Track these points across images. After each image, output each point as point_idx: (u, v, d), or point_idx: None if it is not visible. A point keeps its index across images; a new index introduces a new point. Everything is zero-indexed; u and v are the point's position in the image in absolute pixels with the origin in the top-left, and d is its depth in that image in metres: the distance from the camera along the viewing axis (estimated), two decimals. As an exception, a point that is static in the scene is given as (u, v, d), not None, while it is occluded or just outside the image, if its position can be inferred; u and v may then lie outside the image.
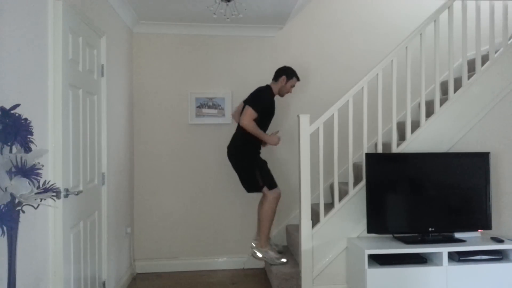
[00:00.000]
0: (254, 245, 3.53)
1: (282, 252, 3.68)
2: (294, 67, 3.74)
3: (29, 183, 1.37)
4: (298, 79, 3.64)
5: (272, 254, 3.47)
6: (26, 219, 1.68)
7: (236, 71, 4.12)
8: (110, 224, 3.07)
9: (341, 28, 4.25)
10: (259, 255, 3.48)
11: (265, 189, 3.45)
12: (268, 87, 3.58)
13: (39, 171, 1.42)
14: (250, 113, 3.36)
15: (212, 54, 4.11)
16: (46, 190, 1.44)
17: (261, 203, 3.55)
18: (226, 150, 3.67)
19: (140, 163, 4.01)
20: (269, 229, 3.52)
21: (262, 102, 3.47)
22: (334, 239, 3.23)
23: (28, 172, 1.37)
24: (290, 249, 3.88)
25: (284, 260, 3.47)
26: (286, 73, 3.58)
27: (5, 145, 1.40)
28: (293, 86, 3.63)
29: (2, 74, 1.64)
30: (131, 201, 3.91)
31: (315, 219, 3.23)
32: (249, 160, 3.49)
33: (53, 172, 2.07)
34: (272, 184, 3.49)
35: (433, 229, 3.17)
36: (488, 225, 3.22)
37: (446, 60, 3.46)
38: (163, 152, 4.04)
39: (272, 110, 3.56)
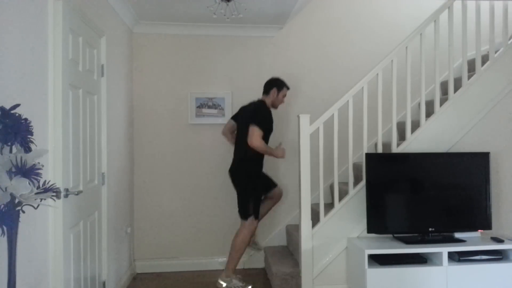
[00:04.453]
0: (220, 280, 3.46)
1: (259, 247, 3.85)
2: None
3: (29, 183, 1.37)
4: (288, 88, 3.58)
5: (236, 282, 3.41)
6: (26, 219, 1.68)
7: (236, 71, 4.13)
8: (110, 224, 3.07)
9: (341, 28, 4.25)
10: (223, 284, 3.41)
11: (250, 219, 3.39)
12: (262, 102, 3.50)
13: (39, 171, 1.42)
14: (257, 133, 3.26)
15: (212, 54, 4.11)
16: (46, 190, 1.44)
17: (238, 232, 3.49)
18: (226, 149, 3.66)
19: (140, 163, 4.01)
20: (238, 260, 3.46)
21: (264, 118, 3.39)
22: (334, 239, 3.23)
23: (28, 172, 1.37)
24: (290, 249, 3.88)
25: (249, 287, 3.42)
26: (276, 85, 3.51)
27: (5, 145, 1.40)
28: (285, 96, 3.58)
29: (2, 74, 1.64)
30: (131, 201, 3.91)
31: (315, 219, 3.23)
32: (249, 184, 3.43)
33: (53, 172, 2.07)
34: (257, 215, 3.44)
35: (433, 229, 3.17)
36: (488, 225, 3.22)
37: (446, 60, 3.46)
38: (163, 152, 4.05)
39: (272, 124, 3.50)
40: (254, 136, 3.26)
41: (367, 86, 3.30)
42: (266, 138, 3.46)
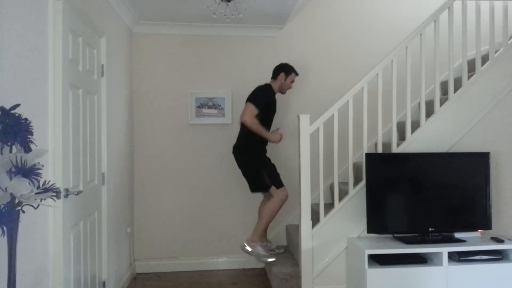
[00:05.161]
0: (245, 243, 3.53)
1: (276, 252, 3.67)
2: (294, 67, 3.74)
3: (29, 183, 1.37)
4: (296, 74, 3.65)
5: (260, 250, 3.45)
6: (26, 219, 1.67)
7: (236, 71, 4.13)
8: (110, 224, 3.07)
9: (341, 28, 4.25)
10: (248, 248, 3.47)
11: (272, 188, 3.43)
12: (267, 85, 3.59)
13: (39, 171, 1.42)
14: (250, 109, 3.35)
15: (212, 54, 4.11)
16: (46, 190, 1.44)
17: (264, 201, 3.54)
18: (226, 149, 3.66)
19: (140, 163, 4.01)
20: (266, 227, 3.52)
21: (263, 98, 3.46)
22: (334, 239, 3.23)
23: (28, 172, 1.37)
24: (290, 249, 3.88)
25: (272, 259, 3.45)
26: (284, 70, 3.59)
27: (5, 145, 1.40)
28: (293, 81, 3.64)
29: (2, 74, 1.63)
30: (131, 201, 3.91)
31: (315, 219, 3.23)
32: (255, 159, 3.48)
33: (53, 172, 2.07)
34: (279, 183, 3.47)
35: (433, 229, 3.17)
36: (488, 225, 3.22)
37: (446, 60, 3.46)
38: (163, 152, 4.05)
39: (274, 108, 3.56)
40: (247, 112, 3.34)
41: (367, 86, 3.30)
42: (268, 120, 3.49)
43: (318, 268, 3.20)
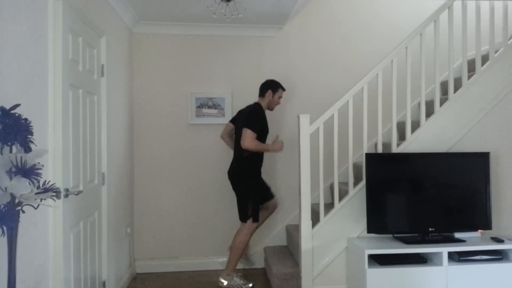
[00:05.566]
0: (220, 278, 3.52)
1: (251, 263, 3.81)
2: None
3: (29, 183, 1.37)
4: (283, 89, 3.61)
5: (237, 280, 3.46)
6: (26, 219, 1.67)
7: (236, 71, 4.12)
8: (110, 224, 3.07)
9: (341, 28, 4.25)
10: (224, 282, 3.46)
11: (249, 221, 3.43)
12: (257, 104, 3.54)
13: (39, 171, 1.42)
14: (250, 135, 3.31)
15: (212, 54, 4.11)
16: (46, 190, 1.44)
17: (238, 232, 3.52)
18: (226, 149, 3.64)
19: (140, 163, 4.01)
20: (239, 259, 3.53)
21: (259, 121, 3.43)
22: (334, 239, 3.23)
23: (28, 172, 1.37)
24: (290, 249, 3.88)
25: (250, 285, 3.46)
26: (271, 87, 3.55)
27: (5, 145, 1.40)
28: (281, 97, 3.60)
29: (2, 74, 1.64)
30: (131, 201, 3.91)
31: (315, 219, 3.23)
32: (247, 187, 3.45)
33: (53, 172, 2.07)
34: (256, 217, 3.46)
35: (433, 229, 3.17)
36: (488, 225, 3.22)
37: (446, 60, 3.46)
38: (163, 152, 4.04)
39: (266, 126, 3.52)
40: (247, 138, 3.31)
41: (367, 86, 3.30)
42: (263, 139, 3.47)
43: (318, 268, 3.20)
